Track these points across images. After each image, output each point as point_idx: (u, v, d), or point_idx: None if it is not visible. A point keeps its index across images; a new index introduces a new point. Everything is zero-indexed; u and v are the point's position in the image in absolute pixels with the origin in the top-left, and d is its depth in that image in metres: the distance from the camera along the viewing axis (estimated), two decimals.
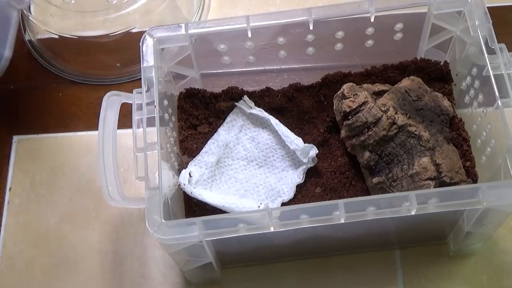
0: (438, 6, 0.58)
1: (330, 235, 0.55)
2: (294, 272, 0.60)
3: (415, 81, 0.60)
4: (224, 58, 0.63)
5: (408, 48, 0.65)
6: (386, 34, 0.62)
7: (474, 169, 0.58)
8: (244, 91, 0.64)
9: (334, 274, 0.60)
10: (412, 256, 0.60)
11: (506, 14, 0.74)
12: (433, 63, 0.64)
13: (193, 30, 0.57)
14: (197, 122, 0.64)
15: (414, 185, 0.54)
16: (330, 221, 0.46)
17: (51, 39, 0.74)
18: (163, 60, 0.58)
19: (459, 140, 0.59)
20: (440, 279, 0.59)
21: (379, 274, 0.59)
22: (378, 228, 0.54)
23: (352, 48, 0.63)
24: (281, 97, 0.64)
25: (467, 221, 0.52)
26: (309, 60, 0.65)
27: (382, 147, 0.57)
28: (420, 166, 0.54)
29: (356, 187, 0.60)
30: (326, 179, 0.60)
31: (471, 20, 0.55)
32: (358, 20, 0.59)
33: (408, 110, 0.57)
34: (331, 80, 0.64)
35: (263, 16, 0.57)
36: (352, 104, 0.58)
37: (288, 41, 0.61)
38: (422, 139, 0.55)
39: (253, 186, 0.61)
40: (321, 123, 0.63)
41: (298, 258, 0.60)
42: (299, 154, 0.60)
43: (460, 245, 0.58)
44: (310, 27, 0.58)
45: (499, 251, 0.60)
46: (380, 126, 0.56)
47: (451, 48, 0.62)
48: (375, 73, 0.65)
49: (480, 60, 0.54)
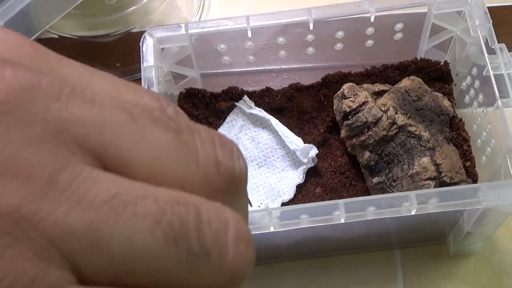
0: (438, 6, 0.58)
1: (330, 235, 0.55)
2: (294, 272, 0.60)
3: (415, 81, 0.60)
4: (224, 58, 0.63)
5: (408, 48, 0.65)
6: (386, 34, 0.62)
7: (474, 169, 0.58)
8: (244, 91, 0.64)
9: (334, 274, 0.60)
10: (412, 256, 0.60)
11: (506, 14, 0.74)
12: (433, 63, 0.64)
13: (193, 30, 0.57)
14: (197, 122, 0.63)
15: (414, 185, 0.54)
16: (330, 221, 0.46)
17: (51, 39, 0.74)
18: (163, 60, 0.58)
19: (459, 140, 0.59)
20: (440, 279, 0.59)
21: (379, 274, 0.59)
22: (378, 228, 0.55)
23: (352, 48, 0.63)
24: (281, 97, 0.64)
25: (467, 221, 0.52)
26: (309, 60, 0.65)
27: (382, 147, 0.57)
28: (420, 166, 0.54)
29: (356, 187, 0.60)
30: (326, 179, 0.60)
31: (471, 20, 0.55)
32: (358, 20, 0.59)
33: (408, 110, 0.57)
34: (331, 80, 0.64)
35: (263, 16, 0.57)
36: (352, 104, 0.58)
37: (288, 41, 0.61)
38: (422, 139, 0.55)
39: (253, 186, 0.61)
40: (321, 123, 0.63)
41: (298, 258, 0.60)
42: (299, 154, 0.60)
43: (460, 245, 0.58)
44: (310, 27, 0.58)
45: (499, 251, 0.60)
46: (380, 126, 0.56)
47: (451, 48, 0.62)
48: (375, 73, 0.65)
49: (480, 60, 0.54)
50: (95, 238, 0.14)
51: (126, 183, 0.15)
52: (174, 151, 0.16)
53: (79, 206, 0.14)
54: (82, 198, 0.14)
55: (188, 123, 0.17)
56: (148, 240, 0.14)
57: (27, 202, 0.13)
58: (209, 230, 0.15)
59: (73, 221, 0.13)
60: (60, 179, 0.14)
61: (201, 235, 0.15)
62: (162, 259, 0.14)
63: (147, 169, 0.15)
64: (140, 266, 0.14)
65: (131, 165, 0.15)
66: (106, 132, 0.15)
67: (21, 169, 0.13)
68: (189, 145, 0.16)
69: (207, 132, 0.17)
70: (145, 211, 0.14)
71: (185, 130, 0.16)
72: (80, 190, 0.14)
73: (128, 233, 0.14)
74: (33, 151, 0.14)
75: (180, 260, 0.14)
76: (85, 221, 0.14)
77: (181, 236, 0.14)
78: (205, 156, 0.16)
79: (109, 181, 0.14)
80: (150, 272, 0.14)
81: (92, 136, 0.15)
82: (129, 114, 0.15)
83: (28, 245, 0.13)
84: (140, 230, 0.14)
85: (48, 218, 0.13)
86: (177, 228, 0.14)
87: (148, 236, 0.14)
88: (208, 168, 0.16)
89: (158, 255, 0.14)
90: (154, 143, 0.15)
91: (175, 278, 0.15)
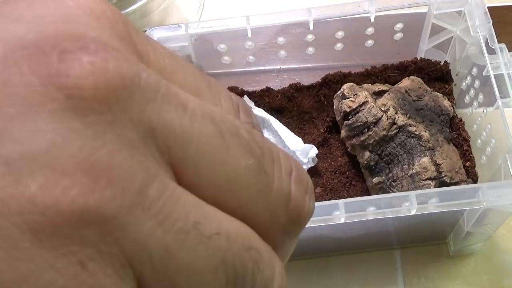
0: (438, 6, 0.58)
1: (330, 235, 0.55)
2: (294, 272, 0.60)
3: (415, 81, 0.60)
4: (224, 58, 0.63)
5: (408, 48, 0.65)
6: (386, 34, 0.62)
7: (474, 169, 0.58)
8: (244, 91, 0.64)
9: (334, 274, 0.60)
10: (412, 256, 0.60)
11: (506, 14, 0.74)
12: (433, 63, 0.64)
13: (193, 30, 0.57)
14: None
15: (414, 185, 0.54)
16: (330, 221, 0.46)
17: None
18: None
19: (459, 140, 0.59)
20: (440, 279, 0.59)
21: (379, 274, 0.59)
22: (378, 228, 0.54)
23: (352, 48, 0.63)
24: (281, 97, 0.64)
25: (467, 221, 0.52)
26: (309, 60, 0.65)
27: (382, 147, 0.57)
28: (420, 166, 0.54)
29: (356, 187, 0.60)
30: (326, 179, 0.60)
31: (471, 20, 0.55)
32: (358, 20, 0.59)
33: (408, 110, 0.57)
34: (331, 80, 0.64)
35: (263, 16, 0.57)
36: (352, 104, 0.58)
37: (288, 41, 0.61)
38: (422, 139, 0.55)
39: None
40: (321, 123, 0.63)
41: (298, 258, 0.60)
42: (299, 154, 0.60)
43: (460, 245, 0.58)
44: (310, 27, 0.58)
45: (499, 251, 0.60)
46: (380, 126, 0.56)
47: (451, 48, 0.62)
48: (375, 73, 0.65)
49: (480, 60, 0.54)
50: (166, 264, 0.13)
51: (204, 210, 0.13)
52: (251, 179, 0.14)
53: (161, 228, 0.13)
54: (165, 219, 0.13)
55: (270, 147, 0.15)
56: (210, 279, 0.13)
57: (120, 212, 0.12)
58: (261, 279, 0.14)
59: (152, 243, 0.12)
60: (150, 192, 0.13)
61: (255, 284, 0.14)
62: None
63: (218, 194, 0.14)
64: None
65: (202, 186, 0.14)
66: (191, 147, 0.13)
67: (116, 175, 0.12)
68: (267, 175, 0.15)
69: (286, 160, 0.16)
70: (216, 248, 0.13)
71: (266, 156, 0.15)
72: (165, 209, 0.13)
73: (196, 267, 0.13)
74: (126, 157, 0.12)
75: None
76: (163, 246, 0.13)
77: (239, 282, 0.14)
78: (279, 189, 0.15)
79: (190, 204, 0.13)
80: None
81: (176, 149, 0.13)
82: (217, 129, 0.14)
83: (109, 260, 0.12)
84: (207, 267, 0.13)
85: (133, 234, 0.12)
86: (239, 272, 0.14)
87: (212, 275, 0.13)
88: (278, 202, 0.15)
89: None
90: (234, 169, 0.14)
91: None
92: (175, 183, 0.13)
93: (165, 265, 0.13)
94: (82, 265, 0.12)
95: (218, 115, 0.14)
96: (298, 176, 0.16)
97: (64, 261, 0.12)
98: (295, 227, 0.16)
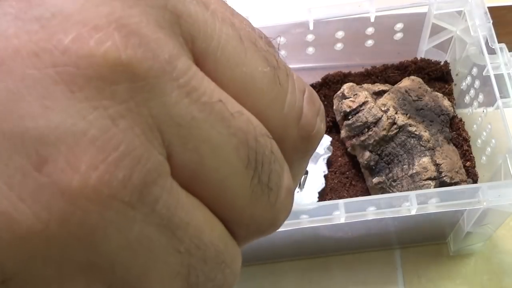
0: (438, 6, 0.58)
1: (330, 235, 0.55)
2: (294, 272, 0.60)
3: (415, 81, 0.60)
4: None
5: (408, 48, 0.65)
6: (386, 34, 0.62)
7: (474, 169, 0.58)
8: None
9: (334, 274, 0.60)
10: (412, 256, 0.60)
11: (506, 14, 0.74)
12: (433, 63, 0.64)
13: None
14: None
15: (414, 185, 0.54)
16: (330, 221, 0.46)
17: None
18: None
19: (459, 140, 0.59)
20: (440, 279, 0.59)
21: (379, 274, 0.59)
22: (378, 228, 0.54)
23: (352, 48, 0.63)
24: None
25: (467, 221, 0.52)
26: (309, 60, 0.65)
27: (382, 147, 0.57)
28: (420, 166, 0.54)
29: (356, 187, 0.60)
30: (326, 179, 0.60)
31: (471, 20, 0.55)
32: (358, 20, 0.59)
33: (408, 110, 0.57)
34: (331, 80, 0.64)
35: (263, 16, 0.57)
36: (352, 104, 0.58)
37: (288, 41, 0.61)
38: (422, 139, 0.55)
39: None
40: None
41: (298, 258, 0.60)
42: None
43: (460, 245, 0.58)
44: (310, 27, 0.58)
45: (499, 251, 0.60)
46: (380, 126, 0.56)
47: (451, 48, 0.62)
48: (375, 73, 0.65)
49: (480, 60, 0.54)
50: (193, 134, 0.13)
51: (226, 95, 0.14)
52: (266, 85, 0.15)
53: (188, 98, 0.13)
54: (191, 91, 0.13)
55: (286, 64, 0.16)
56: (232, 155, 0.14)
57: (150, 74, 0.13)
58: (276, 172, 0.15)
59: (179, 111, 0.13)
60: (178, 64, 0.13)
61: (271, 174, 0.15)
62: (236, 178, 0.14)
63: (236, 93, 0.15)
64: (216, 176, 0.14)
65: (222, 82, 0.14)
66: (213, 42, 0.14)
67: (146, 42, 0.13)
68: (282, 85, 0.15)
69: (300, 81, 0.16)
70: (239, 127, 0.14)
71: (282, 69, 0.16)
72: (192, 82, 0.13)
73: (220, 142, 0.14)
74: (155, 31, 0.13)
75: (249, 186, 0.14)
76: (190, 115, 0.13)
77: (259, 165, 0.14)
78: (292, 103, 0.16)
79: (213, 85, 0.14)
80: (221, 187, 0.14)
81: (200, 40, 0.14)
82: (237, 33, 0.15)
83: (138, 120, 0.12)
84: (230, 143, 0.14)
85: (162, 98, 0.13)
86: (258, 157, 0.14)
87: (234, 152, 0.14)
88: (290, 115, 0.16)
89: (234, 174, 0.14)
90: (251, 71, 0.15)
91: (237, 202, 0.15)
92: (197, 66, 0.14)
93: (192, 135, 0.13)
94: (113, 120, 0.12)
95: (238, 23, 0.15)
96: (311, 98, 0.16)
97: (96, 114, 0.12)
98: (305, 145, 0.16)
